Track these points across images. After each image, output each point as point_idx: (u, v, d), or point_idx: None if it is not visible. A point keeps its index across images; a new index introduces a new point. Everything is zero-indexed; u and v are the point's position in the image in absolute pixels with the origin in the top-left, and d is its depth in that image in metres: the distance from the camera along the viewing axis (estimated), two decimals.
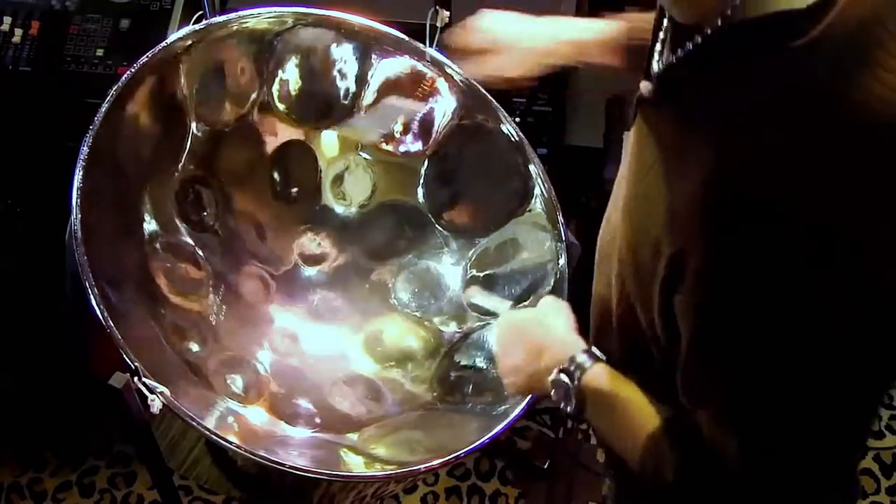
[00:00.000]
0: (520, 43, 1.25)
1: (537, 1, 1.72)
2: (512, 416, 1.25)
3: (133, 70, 1.25)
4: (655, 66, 0.88)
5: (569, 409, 1.01)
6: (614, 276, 1.00)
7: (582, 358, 1.01)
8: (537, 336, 1.11)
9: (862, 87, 0.71)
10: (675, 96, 0.83)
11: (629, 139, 0.95)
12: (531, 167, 1.43)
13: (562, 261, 1.39)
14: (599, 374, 0.99)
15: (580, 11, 1.74)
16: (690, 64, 0.80)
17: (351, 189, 1.54)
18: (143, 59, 1.26)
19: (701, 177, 0.76)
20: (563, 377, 1.01)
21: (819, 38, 0.71)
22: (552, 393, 1.03)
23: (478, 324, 1.46)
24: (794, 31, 0.72)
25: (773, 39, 0.73)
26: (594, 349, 1.03)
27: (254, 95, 1.44)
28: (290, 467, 1.12)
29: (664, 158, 0.83)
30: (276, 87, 1.46)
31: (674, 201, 0.80)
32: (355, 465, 1.28)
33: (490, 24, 1.27)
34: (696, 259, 0.77)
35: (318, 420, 1.35)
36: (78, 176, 1.15)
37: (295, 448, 1.27)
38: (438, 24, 1.39)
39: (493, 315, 1.39)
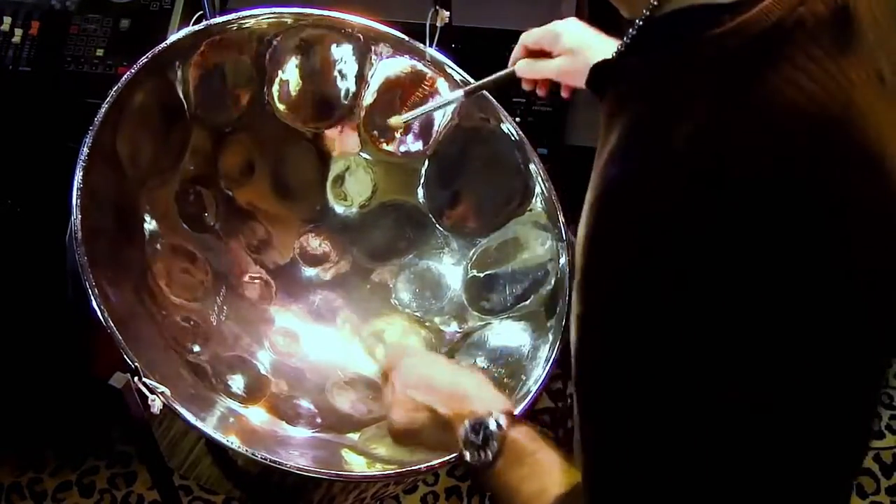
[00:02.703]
0: (586, 52, 1.25)
1: (536, 2, 1.73)
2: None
3: (133, 70, 1.25)
4: None
5: (479, 456, 0.96)
6: None
7: (505, 418, 0.97)
8: (459, 384, 1.08)
9: (773, 81, 0.68)
10: (600, 86, 0.81)
11: None
12: (531, 166, 1.43)
13: (563, 260, 1.39)
14: (527, 432, 0.96)
15: (580, 11, 1.74)
16: (620, 55, 0.79)
17: (351, 189, 1.54)
18: (143, 59, 1.26)
19: (600, 168, 0.75)
20: (492, 424, 0.97)
21: (734, 28, 0.69)
22: (463, 438, 0.99)
23: (478, 324, 1.46)
24: (712, 21, 0.70)
25: (691, 29, 0.72)
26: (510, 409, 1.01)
27: (254, 95, 1.44)
28: (291, 467, 1.12)
29: (598, 151, 0.81)
30: (276, 87, 1.46)
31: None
32: (356, 465, 1.28)
33: (560, 29, 1.27)
34: (580, 248, 0.75)
35: (318, 420, 1.35)
36: (78, 176, 1.15)
37: (296, 448, 1.27)
38: (438, 24, 1.39)
39: None
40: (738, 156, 0.67)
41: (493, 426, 0.97)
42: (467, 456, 0.98)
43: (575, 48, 1.26)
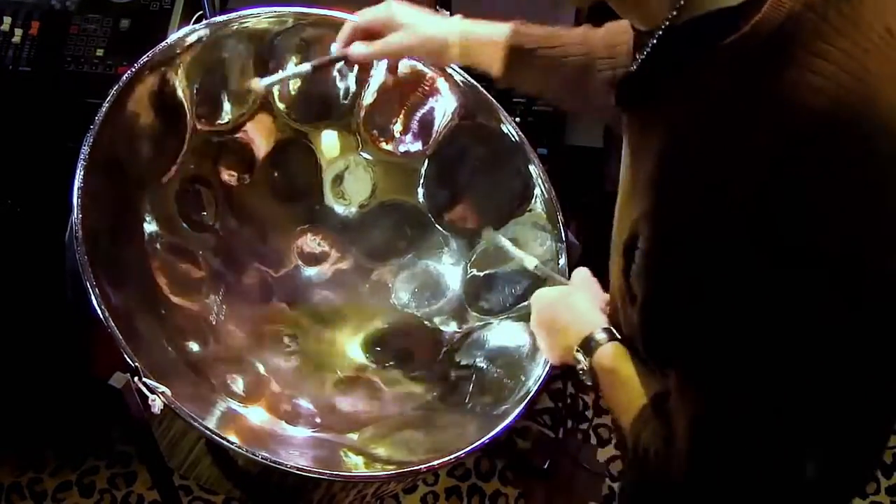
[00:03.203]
0: (417, 27, 1.26)
1: (536, 2, 1.73)
2: (512, 416, 1.25)
3: (133, 70, 1.25)
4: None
5: (588, 381, 1.07)
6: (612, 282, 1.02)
7: (599, 336, 1.06)
8: (563, 315, 1.16)
9: (791, 78, 0.72)
10: (633, 100, 0.86)
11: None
12: (531, 167, 1.43)
13: (562, 261, 1.39)
14: (607, 353, 1.04)
15: (579, 11, 1.74)
16: (644, 67, 0.83)
17: (351, 189, 1.54)
18: (143, 59, 1.26)
19: (652, 169, 0.80)
20: (580, 355, 1.07)
21: (749, 33, 0.73)
22: (578, 368, 1.09)
23: (478, 324, 1.46)
24: (726, 28, 0.74)
25: (707, 37, 0.75)
26: (611, 328, 1.08)
27: (254, 95, 1.44)
28: (291, 467, 1.12)
29: (630, 159, 0.88)
30: (276, 87, 1.46)
31: (634, 192, 0.85)
32: (356, 464, 1.28)
33: (390, 6, 1.28)
34: (642, 246, 0.82)
35: (318, 420, 1.35)
36: (78, 176, 1.15)
37: (295, 448, 1.27)
38: None
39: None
40: (772, 154, 0.72)
41: (581, 357, 1.07)
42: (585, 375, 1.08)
43: (407, 23, 1.26)
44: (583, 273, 1.24)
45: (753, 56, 0.73)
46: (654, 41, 0.80)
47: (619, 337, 1.06)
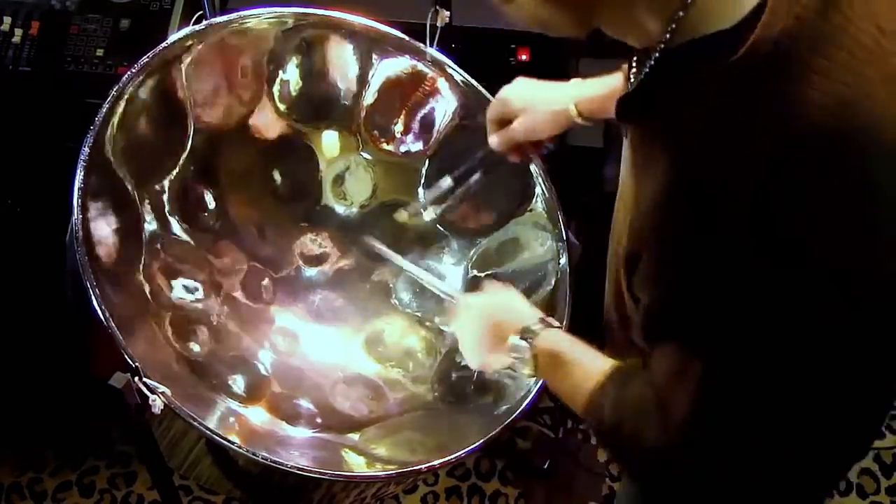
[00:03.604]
0: (536, 106, 1.28)
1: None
2: (512, 416, 1.25)
3: (133, 70, 1.25)
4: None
5: (526, 371, 1.11)
6: (610, 280, 1.02)
7: (536, 326, 1.11)
8: (503, 317, 1.19)
9: (790, 94, 0.74)
10: (633, 116, 0.87)
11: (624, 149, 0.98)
12: (531, 167, 1.43)
13: (562, 260, 1.39)
14: (551, 337, 1.10)
15: None
16: (644, 86, 0.84)
17: (352, 189, 1.54)
18: (144, 59, 1.26)
19: (657, 186, 0.81)
20: (520, 342, 1.10)
21: (745, 54, 0.74)
22: (511, 356, 1.12)
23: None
24: (722, 50, 0.76)
25: (704, 59, 0.77)
26: (548, 318, 1.14)
27: (254, 95, 1.44)
28: (292, 467, 1.12)
29: (634, 172, 0.89)
30: (276, 87, 1.46)
31: (638, 207, 0.86)
32: (356, 465, 1.28)
33: (506, 94, 1.30)
34: (648, 259, 0.83)
35: (319, 420, 1.35)
36: (78, 176, 1.15)
37: (296, 448, 1.27)
38: (438, 24, 1.39)
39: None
40: (774, 166, 0.74)
41: (520, 342, 1.11)
42: (521, 368, 1.13)
43: (525, 106, 1.29)
44: (500, 287, 1.29)
45: (751, 75, 0.74)
46: (652, 63, 0.82)
47: (556, 325, 1.13)
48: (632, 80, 0.91)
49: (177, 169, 1.39)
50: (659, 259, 0.83)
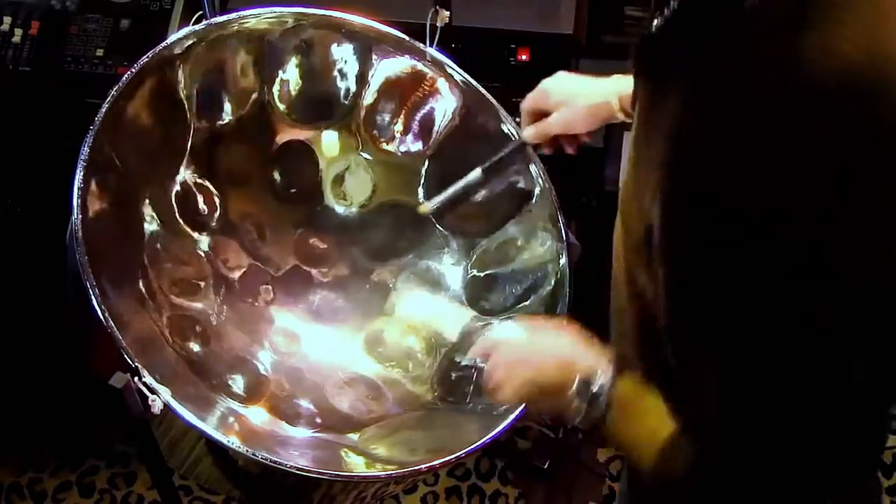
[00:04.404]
0: (575, 100, 1.28)
1: (536, 2, 1.72)
2: (512, 416, 1.25)
3: (133, 70, 1.25)
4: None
5: (591, 415, 1.01)
6: (622, 273, 1.01)
7: (609, 373, 1.01)
8: (558, 349, 1.09)
9: (807, 46, 0.71)
10: (652, 63, 0.85)
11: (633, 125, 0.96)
12: (531, 167, 1.43)
13: (562, 261, 1.39)
14: (627, 383, 1.00)
15: (579, 11, 1.74)
16: (662, 33, 0.82)
17: (351, 189, 1.54)
18: (144, 59, 1.26)
19: (663, 141, 0.78)
20: (598, 381, 1.01)
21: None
22: (574, 402, 1.02)
23: (479, 324, 1.46)
24: None
25: (727, 2, 0.74)
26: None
27: (254, 95, 1.44)
28: (291, 467, 1.12)
29: (641, 140, 0.86)
30: (276, 87, 1.46)
31: (642, 176, 0.84)
32: (356, 465, 1.28)
33: (546, 86, 1.30)
34: (658, 226, 0.80)
35: (318, 420, 1.35)
36: (78, 176, 1.15)
37: (296, 448, 1.27)
38: (438, 24, 1.39)
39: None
40: (788, 115, 0.71)
41: (599, 384, 1.00)
42: (582, 412, 1.01)
43: (565, 98, 1.29)
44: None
45: (771, 19, 0.72)
46: (675, 4, 0.79)
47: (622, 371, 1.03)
48: (655, 23, 0.88)
49: (177, 169, 1.39)
50: (668, 222, 0.79)
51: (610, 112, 1.26)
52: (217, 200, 1.45)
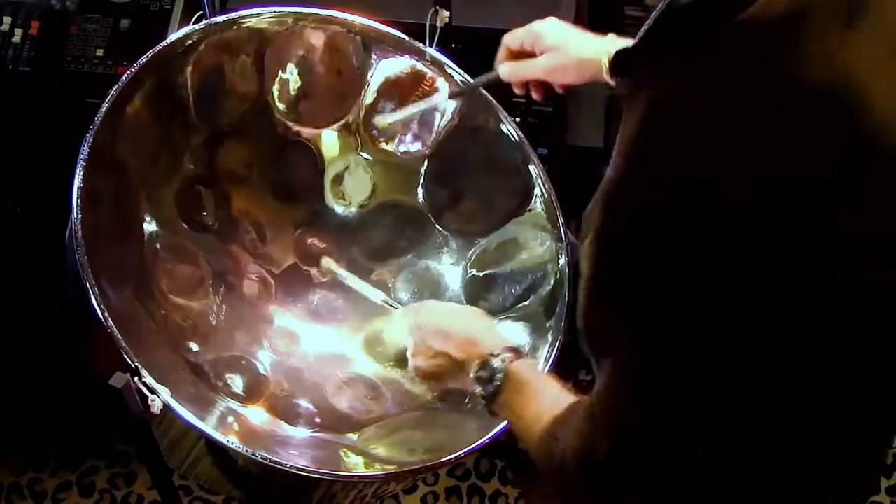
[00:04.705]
0: (567, 48, 1.26)
1: (536, 2, 1.72)
2: None
3: (133, 70, 1.25)
4: None
5: (487, 390, 1.07)
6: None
7: (508, 356, 1.08)
8: (471, 331, 1.17)
9: (778, 65, 0.70)
10: (627, 70, 0.85)
11: None
12: (531, 167, 1.43)
13: (562, 261, 1.39)
14: (523, 365, 1.07)
15: (580, 11, 1.74)
16: (642, 44, 0.81)
17: (351, 189, 1.54)
18: (143, 59, 1.26)
19: (623, 146, 0.78)
20: (496, 362, 1.07)
21: (749, 17, 0.71)
22: (473, 376, 1.09)
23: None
24: (730, 10, 0.72)
25: (709, 18, 0.73)
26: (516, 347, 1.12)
27: (254, 95, 1.44)
28: (291, 467, 1.12)
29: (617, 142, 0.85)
30: (276, 87, 1.46)
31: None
32: (355, 465, 1.28)
33: (539, 28, 1.28)
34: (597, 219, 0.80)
35: (318, 420, 1.35)
36: (78, 176, 1.15)
37: (295, 448, 1.27)
38: (438, 24, 1.39)
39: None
40: (754, 134, 0.70)
41: (497, 363, 1.07)
42: (478, 390, 1.09)
43: (558, 44, 1.26)
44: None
45: (751, 40, 0.71)
46: (654, 17, 0.79)
47: (525, 354, 1.10)
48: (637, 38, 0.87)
49: (177, 169, 1.39)
50: (603, 223, 0.78)
51: (597, 70, 1.23)
52: (217, 200, 1.45)
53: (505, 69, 1.32)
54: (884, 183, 0.71)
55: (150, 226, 1.35)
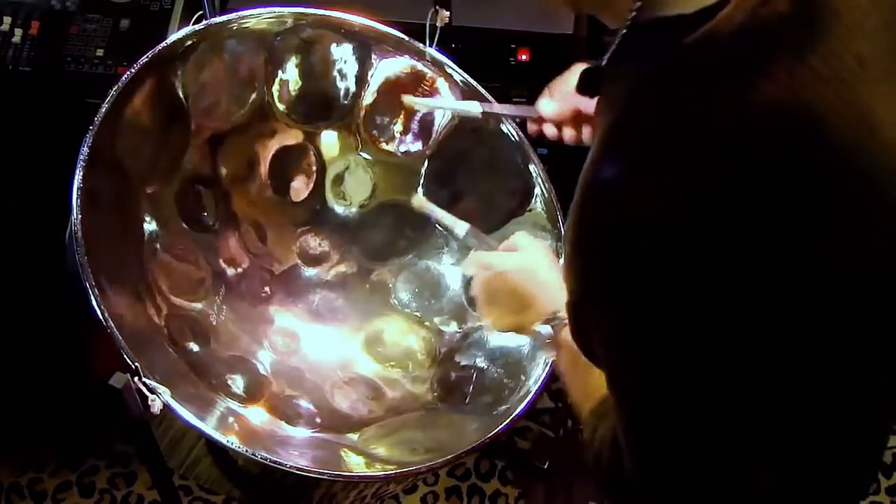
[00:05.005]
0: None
1: (536, 2, 1.72)
2: (512, 416, 1.25)
3: (133, 70, 1.25)
4: None
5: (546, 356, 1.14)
6: None
7: (563, 314, 1.06)
8: (529, 288, 1.17)
9: (736, 96, 0.70)
10: (592, 93, 0.86)
11: None
12: (531, 167, 1.43)
13: (562, 260, 1.39)
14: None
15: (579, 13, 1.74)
16: (608, 64, 0.82)
17: (351, 189, 1.54)
18: (143, 59, 1.26)
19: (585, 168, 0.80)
20: (546, 328, 1.11)
21: (699, 39, 0.71)
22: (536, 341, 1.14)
23: (478, 324, 1.46)
24: (681, 32, 0.72)
25: (663, 40, 0.74)
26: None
27: (254, 95, 1.44)
28: (291, 467, 1.12)
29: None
30: (276, 87, 1.46)
31: None
32: (356, 465, 1.28)
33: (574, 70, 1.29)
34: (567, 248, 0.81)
35: (318, 420, 1.35)
36: (78, 176, 1.15)
37: (295, 448, 1.27)
38: (438, 24, 1.39)
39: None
40: (706, 160, 0.69)
41: (544, 332, 1.11)
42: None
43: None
44: (539, 245, 1.25)
45: (694, 66, 0.72)
46: (616, 40, 0.79)
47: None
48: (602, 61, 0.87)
49: (176, 169, 1.39)
50: (574, 239, 0.79)
51: None
52: (217, 200, 1.45)
53: (545, 104, 1.33)
54: (856, 201, 0.71)
55: (150, 226, 1.35)
